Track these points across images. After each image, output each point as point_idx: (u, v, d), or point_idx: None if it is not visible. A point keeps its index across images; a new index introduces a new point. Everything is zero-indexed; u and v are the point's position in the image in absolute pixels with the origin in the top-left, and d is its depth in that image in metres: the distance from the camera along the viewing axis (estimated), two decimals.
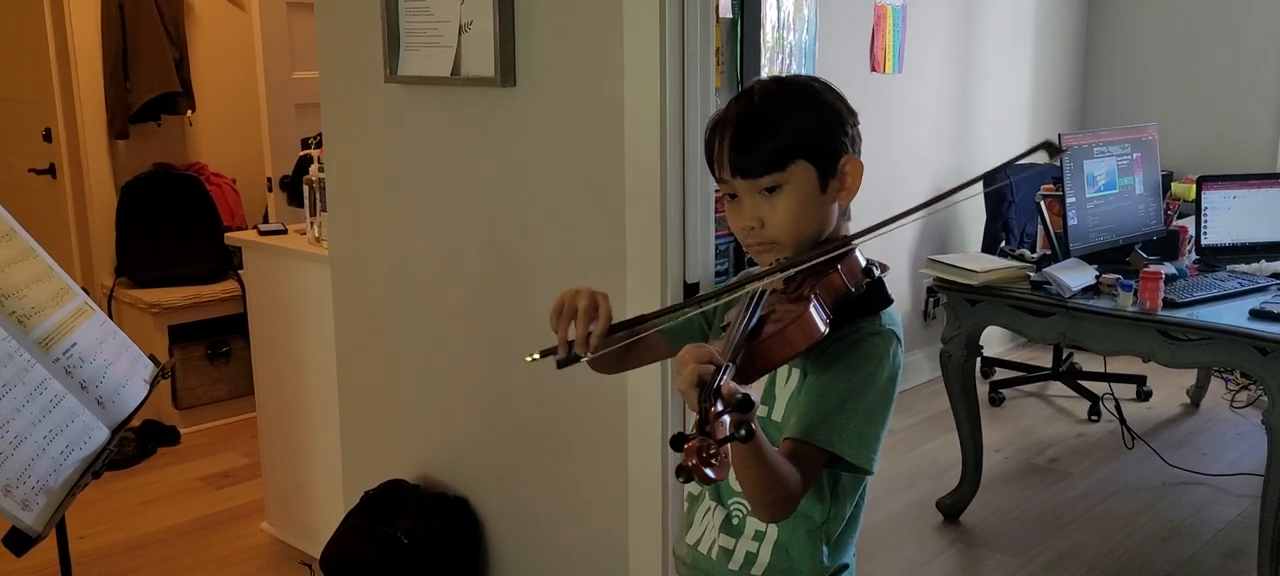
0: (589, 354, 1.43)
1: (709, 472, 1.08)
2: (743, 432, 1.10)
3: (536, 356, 1.46)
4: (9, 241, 2.18)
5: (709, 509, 1.55)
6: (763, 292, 1.37)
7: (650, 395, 2.34)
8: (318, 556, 2.87)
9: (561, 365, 1.46)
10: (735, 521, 1.51)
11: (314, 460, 3.39)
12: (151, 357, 2.42)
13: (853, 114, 1.46)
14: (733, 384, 1.16)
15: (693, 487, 1.58)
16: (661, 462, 2.36)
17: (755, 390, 1.47)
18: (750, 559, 1.49)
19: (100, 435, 2.11)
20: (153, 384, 2.35)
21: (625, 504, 2.45)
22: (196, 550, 3.60)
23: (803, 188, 1.41)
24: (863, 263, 1.42)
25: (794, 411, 1.40)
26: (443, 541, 2.73)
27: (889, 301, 1.42)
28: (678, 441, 1.10)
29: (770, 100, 1.42)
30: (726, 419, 1.11)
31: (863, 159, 1.45)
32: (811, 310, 1.31)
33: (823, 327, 1.31)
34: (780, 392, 1.47)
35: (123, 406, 2.20)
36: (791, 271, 1.38)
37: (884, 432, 1.40)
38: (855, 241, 1.40)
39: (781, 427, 1.43)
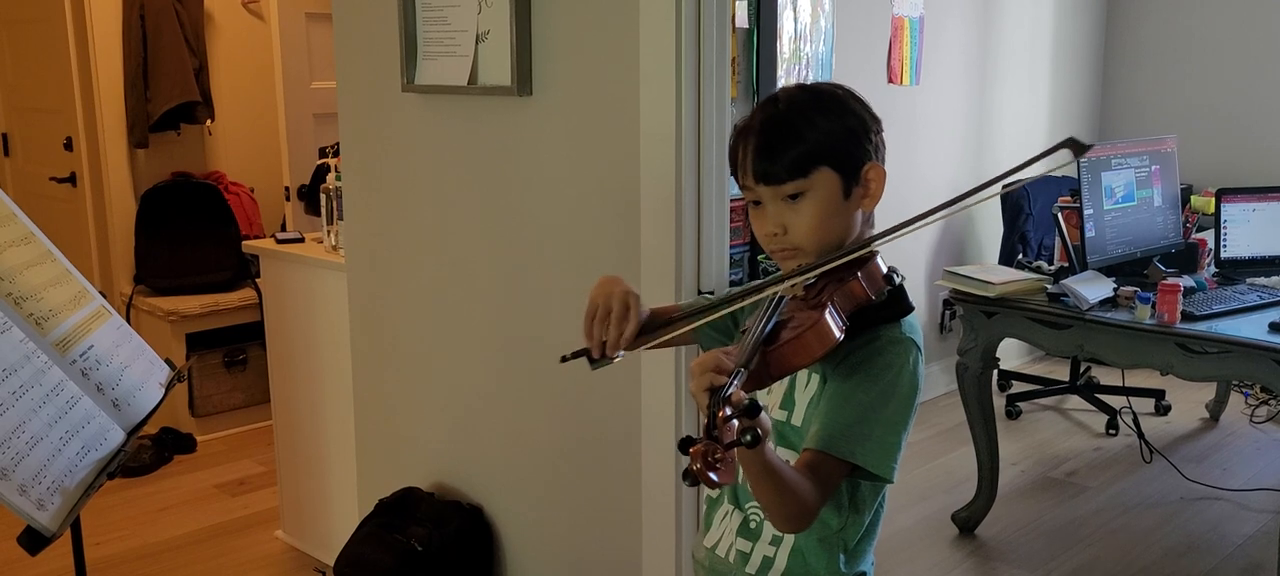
0: (621, 355, 1.47)
1: (713, 476, 1.09)
2: (748, 438, 1.11)
3: (569, 356, 1.50)
4: (28, 244, 2.20)
5: (727, 512, 1.55)
6: (780, 299, 1.37)
7: (664, 404, 2.34)
8: (332, 564, 2.88)
9: (594, 366, 1.49)
10: (753, 525, 1.51)
11: (329, 467, 3.40)
12: (167, 361, 2.43)
13: (877, 121, 1.47)
14: (742, 391, 1.17)
15: (711, 490, 1.59)
16: (675, 472, 2.35)
17: (774, 395, 1.48)
18: (767, 563, 1.49)
19: (116, 437, 2.13)
20: (168, 387, 2.37)
21: (639, 512, 2.44)
22: (211, 557, 3.61)
23: (826, 194, 1.41)
24: (884, 270, 1.41)
25: (814, 419, 1.40)
26: (456, 549, 2.73)
27: (910, 309, 1.42)
28: (685, 444, 1.11)
29: (795, 107, 1.43)
30: (734, 423, 1.12)
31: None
32: (827, 316, 1.31)
33: (838, 334, 1.31)
34: (799, 398, 1.47)
35: (139, 409, 2.21)
36: (812, 276, 1.37)
37: (905, 441, 1.39)
38: (876, 243, 1.40)
39: (801, 433, 1.43)
